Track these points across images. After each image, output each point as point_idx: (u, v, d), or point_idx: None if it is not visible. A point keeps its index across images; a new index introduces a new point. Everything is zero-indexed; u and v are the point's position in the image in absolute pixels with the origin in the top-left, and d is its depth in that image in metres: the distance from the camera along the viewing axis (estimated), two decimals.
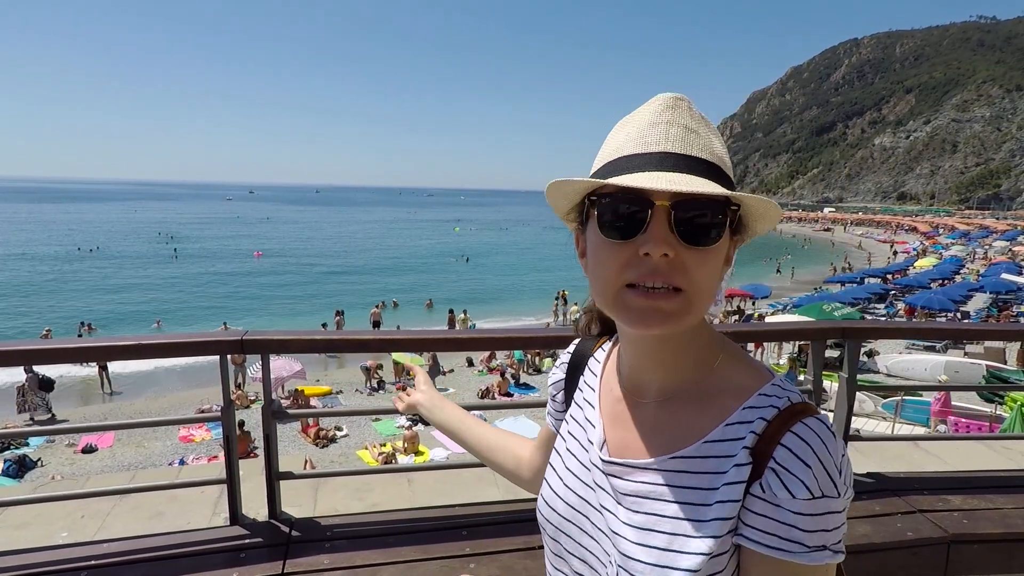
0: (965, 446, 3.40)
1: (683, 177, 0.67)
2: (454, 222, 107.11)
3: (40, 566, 1.92)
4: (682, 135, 0.71)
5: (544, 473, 0.96)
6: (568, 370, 0.97)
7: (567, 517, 0.82)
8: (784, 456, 0.67)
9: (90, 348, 2.24)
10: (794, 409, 0.70)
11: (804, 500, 0.65)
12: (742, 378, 0.76)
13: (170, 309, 29.56)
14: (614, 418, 0.83)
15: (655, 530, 0.71)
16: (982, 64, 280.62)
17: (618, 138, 0.74)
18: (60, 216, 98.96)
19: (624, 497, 0.76)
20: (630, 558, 0.72)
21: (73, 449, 12.85)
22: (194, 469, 9.43)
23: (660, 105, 0.73)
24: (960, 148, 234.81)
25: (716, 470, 0.71)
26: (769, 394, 0.72)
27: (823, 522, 0.66)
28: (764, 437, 0.69)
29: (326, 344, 2.64)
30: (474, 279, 41.95)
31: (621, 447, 0.80)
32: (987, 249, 53.74)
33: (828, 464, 0.66)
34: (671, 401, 0.77)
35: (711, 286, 0.70)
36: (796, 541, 0.66)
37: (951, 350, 19.86)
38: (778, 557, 0.66)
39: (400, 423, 14.29)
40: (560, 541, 0.83)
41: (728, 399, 0.74)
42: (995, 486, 2.60)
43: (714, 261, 0.70)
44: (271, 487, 2.23)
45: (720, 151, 0.73)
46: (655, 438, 0.77)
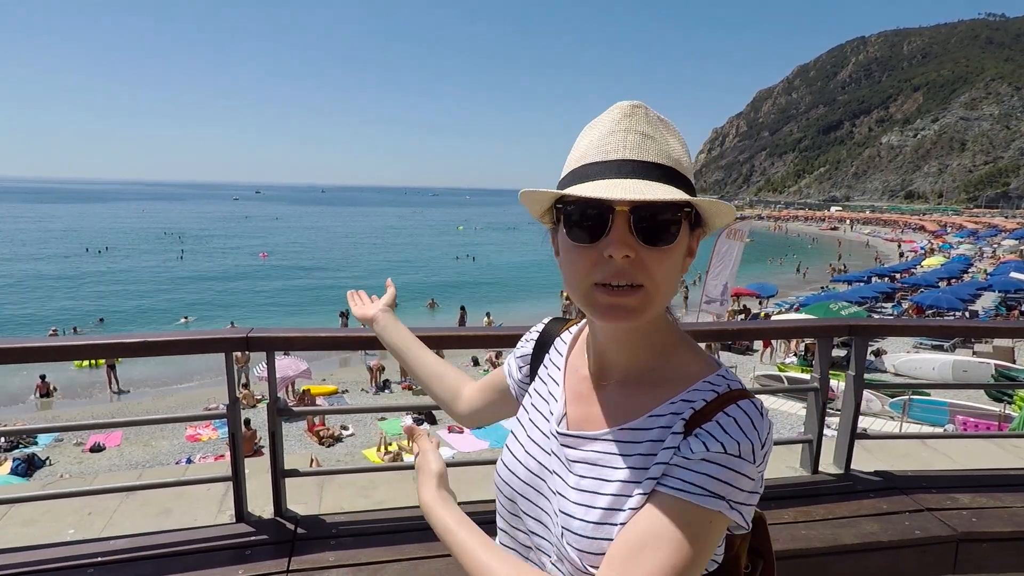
0: (974, 444, 3.37)
1: (639, 184, 0.73)
2: (459, 222, 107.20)
3: (48, 562, 1.94)
4: (638, 142, 0.76)
5: (479, 413, 1.19)
6: (535, 347, 1.07)
7: (526, 481, 0.89)
8: (710, 426, 0.74)
9: (96, 346, 2.25)
10: (732, 394, 0.77)
11: (716, 452, 0.72)
12: (693, 366, 0.84)
13: (177, 309, 29.72)
14: (577, 395, 0.91)
15: (598, 492, 0.78)
16: (990, 62, 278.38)
17: (581, 146, 0.81)
18: (68, 217, 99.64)
19: (574, 464, 0.83)
20: (572, 517, 0.79)
21: (81, 448, 12.94)
22: (201, 467, 9.47)
23: (618, 113, 0.79)
24: (968, 146, 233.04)
25: (657, 438, 0.78)
26: (713, 381, 0.80)
27: (728, 476, 0.72)
28: (700, 413, 0.76)
29: (331, 342, 2.64)
30: (481, 277, 41.99)
31: (579, 421, 0.88)
32: (996, 248, 53.32)
33: (750, 434, 0.73)
34: (630, 383, 0.85)
35: (671, 281, 0.78)
36: (696, 484, 0.72)
37: (959, 349, 19.73)
38: (672, 494, 0.72)
39: (406, 422, 14.32)
40: (516, 502, 0.90)
41: (678, 383, 0.82)
42: (1004, 484, 2.58)
43: (673, 258, 0.77)
44: (276, 484, 2.23)
45: (677, 153, 0.79)
46: (609, 414, 0.85)
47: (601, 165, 0.76)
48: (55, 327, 23.66)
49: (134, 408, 16.09)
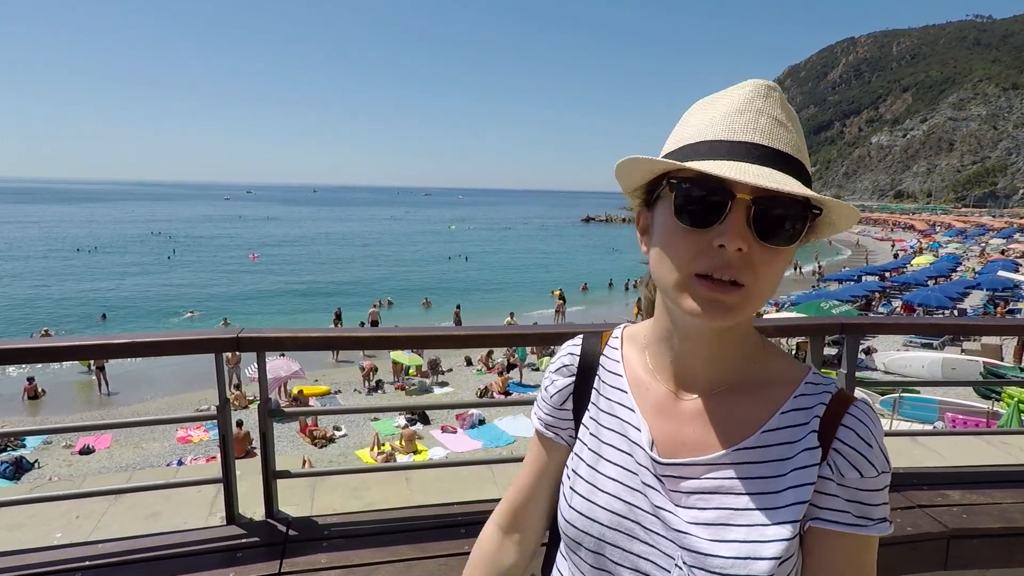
0: (963, 441, 3.39)
1: (768, 171, 0.65)
2: (451, 221, 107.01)
3: (35, 567, 1.91)
4: (771, 127, 0.68)
5: (534, 527, 0.93)
6: (579, 370, 0.90)
7: (612, 526, 0.78)
8: (848, 437, 0.71)
9: (85, 346, 2.22)
10: (843, 395, 0.75)
11: (871, 478, 0.71)
12: (786, 369, 0.78)
13: (166, 309, 29.49)
14: (658, 416, 0.80)
15: (730, 524, 0.71)
16: (978, 63, 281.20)
17: (701, 120, 0.71)
18: (58, 216, 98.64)
19: (687, 496, 0.74)
20: (707, 555, 0.70)
21: (70, 450, 12.81)
22: (191, 469, 9.41)
23: (751, 92, 0.70)
24: (957, 146, 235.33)
25: (780, 457, 0.73)
26: (816, 383, 0.76)
27: (884, 496, 0.72)
28: (826, 421, 0.72)
29: (322, 342, 2.62)
30: (473, 277, 41.94)
31: (674, 445, 0.77)
32: (984, 247, 53.85)
33: (882, 442, 0.73)
34: (721, 394, 0.77)
35: (773, 285, 0.70)
36: (866, 516, 0.71)
37: (948, 347, 19.91)
38: (855, 532, 0.70)
39: (399, 423, 14.28)
40: (604, 553, 0.78)
41: (778, 389, 0.76)
42: (994, 481, 2.60)
43: (783, 260, 0.69)
44: (268, 486, 2.21)
45: (805, 150, 0.71)
46: (712, 432, 0.76)
47: (726, 144, 0.67)
48: (46, 327, 23.42)
49: (124, 411, 15.94)
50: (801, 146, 0.71)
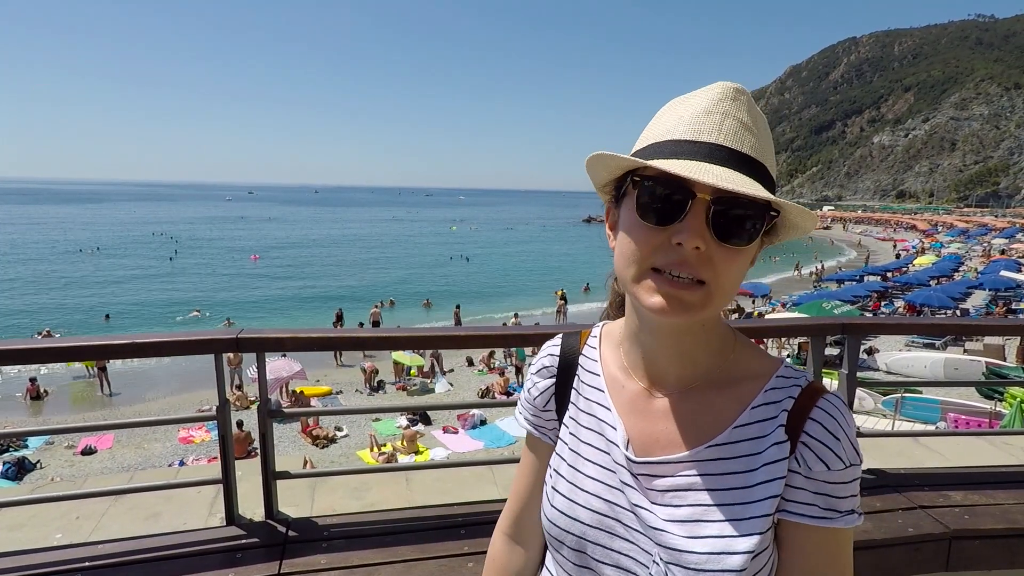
0: (965, 442, 3.38)
1: (729, 173, 0.66)
2: (453, 221, 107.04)
3: (35, 567, 1.91)
4: (736, 130, 0.69)
5: (540, 530, 0.90)
6: (559, 370, 0.91)
7: (593, 524, 0.79)
8: (815, 430, 0.71)
9: (85, 347, 2.22)
10: (812, 388, 0.74)
11: (838, 471, 0.70)
12: (756, 364, 0.79)
13: (168, 311, 29.54)
14: (633, 414, 0.81)
15: (704, 520, 0.72)
16: (980, 62, 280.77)
17: (669, 120, 0.73)
18: (59, 218, 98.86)
19: (662, 494, 0.76)
20: (682, 551, 0.71)
21: (72, 451, 12.84)
22: (192, 470, 9.42)
23: (719, 94, 0.71)
24: (959, 146, 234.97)
25: (751, 452, 0.73)
26: (786, 376, 0.76)
27: (852, 488, 0.72)
28: (793, 415, 0.73)
29: (323, 342, 2.61)
30: (475, 277, 41.95)
31: (648, 443, 0.79)
32: (986, 246, 53.74)
33: (851, 434, 0.72)
34: (693, 391, 0.78)
35: (734, 284, 0.71)
36: (833, 508, 0.71)
37: (950, 347, 19.87)
38: (822, 525, 0.71)
39: (400, 423, 14.28)
40: (586, 551, 0.80)
41: (748, 384, 0.77)
42: (996, 482, 2.59)
43: (742, 260, 0.71)
44: (267, 487, 2.21)
45: (770, 154, 0.72)
46: (683, 430, 0.77)
47: (690, 145, 0.69)
48: (48, 328, 23.46)
49: (126, 411, 15.97)
50: (766, 150, 0.72)
